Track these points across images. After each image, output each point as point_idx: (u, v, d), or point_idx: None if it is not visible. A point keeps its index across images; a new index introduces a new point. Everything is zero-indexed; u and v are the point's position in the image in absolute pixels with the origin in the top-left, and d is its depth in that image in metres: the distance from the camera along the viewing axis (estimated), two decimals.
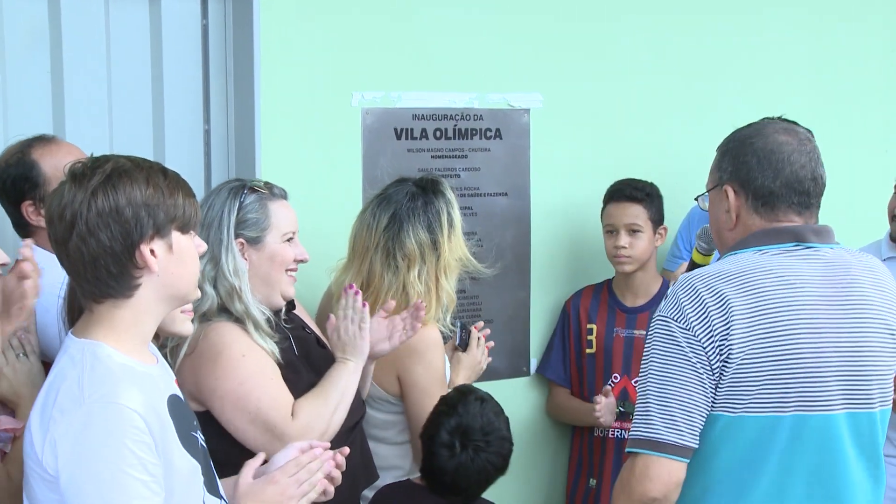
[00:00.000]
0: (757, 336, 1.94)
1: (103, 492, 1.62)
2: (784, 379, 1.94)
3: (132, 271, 1.71)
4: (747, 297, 1.95)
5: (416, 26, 3.21)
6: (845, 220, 3.61)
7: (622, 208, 3.28)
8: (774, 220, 2.07)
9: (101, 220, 1.68)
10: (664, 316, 1.99)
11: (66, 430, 1.64)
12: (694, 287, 1.98)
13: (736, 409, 1.95)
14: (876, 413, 2.04)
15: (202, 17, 3.04)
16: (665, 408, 1.94)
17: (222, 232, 2.32)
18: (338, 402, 2.33)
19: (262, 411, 2.23)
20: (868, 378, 2.01)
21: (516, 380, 3.47)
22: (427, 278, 2.59)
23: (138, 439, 1.65)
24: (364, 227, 2.64)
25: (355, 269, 2.63)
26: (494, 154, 3.37)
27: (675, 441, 1.93)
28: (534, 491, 3.54)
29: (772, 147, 2.07)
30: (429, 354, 2.58)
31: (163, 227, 1.73)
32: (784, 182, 2.05)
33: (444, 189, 2.67)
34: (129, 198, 1.69)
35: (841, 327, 1.99)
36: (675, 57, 3.62)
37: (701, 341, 1.94)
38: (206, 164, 3.09)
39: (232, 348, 2.26)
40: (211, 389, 2.24)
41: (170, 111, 3.01)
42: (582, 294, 3.47)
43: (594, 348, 3.39)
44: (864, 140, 3.99)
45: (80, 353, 1.71)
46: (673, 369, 1.95)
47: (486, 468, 2.38)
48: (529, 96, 3.41)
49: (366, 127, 3.16)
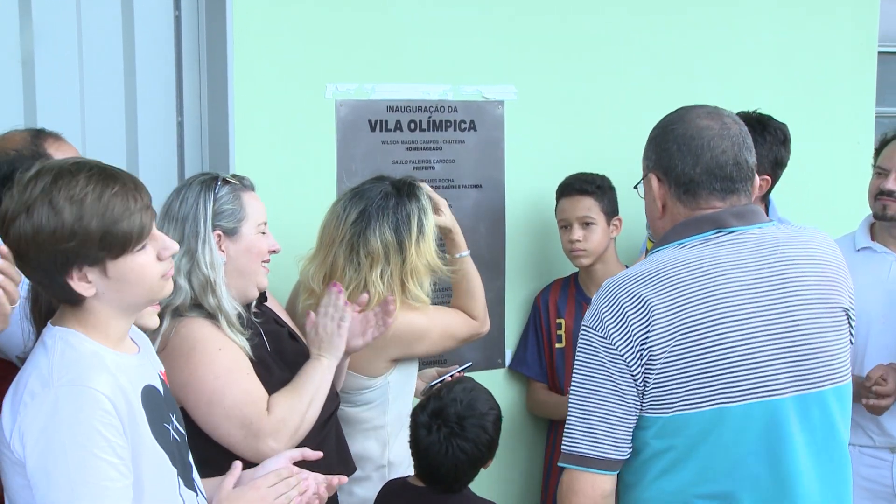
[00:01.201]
0: (677, 333, 1.90)
1: (72, 474, 1.63)
2: (716, 371, 1.90)
3: (69, 292, 1.70)
4: (665, 295, 1.91)
5: (391, 18, 3.21)
6: (816, 212, 3.65)
7: (574, 202, 3.29)
8: (696, 207, 2.02)
9: (22, 244, 1.67)
10: (586, 326, 1.98)
11: (35, 414, 1.64)
12: (613, 293, 1.96)
13: (669, 410, 1.92)
14: (826, 391, 1.98)
15: (175, 8, 3.03)
16: (586, 422, 1.93)
17: (198, 224, 2.31)
18: (311, 397, 2.32)
19: (237, 406, 2.22)
20: (810, 356, 1.95)
21: (491, 372, 3.48)
22: (390, 280, 2.59)
23: (107, 422, 1.65)
24: (334, 218, 2.64)
25: (320, 259, 2.63)
26: (469, 146, 3.38)
27: (597, 455, 1.92)
28: (510, 484, 3.55)
29: (692, 133, 2.02)
30: (426, 335, 2.65)
31: (89, 258, 1.68)
32: (704, 168, 2.00)
33: (420, 194, 2.67)
34: (45, 234, 1.65)
35: (771, 309, 1.93)
36: (648, 50, 3.64)
37: (619, 349, 1.91)
38: (180, 156, 3.07)
39: (206, 343, 2.25)
40: (183, 384, 2.22)
41: (142, 103, 2.99)
42: (551, 288, 3.48)
43: (563, 343, 3.40)
44: (834, 132, 4.02)
45: (53, 340, 1.72)
46: (593, 382, 1.93)
47: (458, 455, 2.36)
48: (504, 88, 3.41)
49: (340, 119, 3.15)
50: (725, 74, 3.75)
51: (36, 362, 1.72)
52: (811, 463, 1.97)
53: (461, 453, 2.37)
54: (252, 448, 2.23)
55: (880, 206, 3.07)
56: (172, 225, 2.30)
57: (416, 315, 2.64)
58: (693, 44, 3.72)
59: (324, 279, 2.59)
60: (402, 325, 2.60)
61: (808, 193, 3.79)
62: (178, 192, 2.37)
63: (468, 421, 2.38)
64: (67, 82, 2.89)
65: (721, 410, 1.91)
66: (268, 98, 3.03)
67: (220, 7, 2.96)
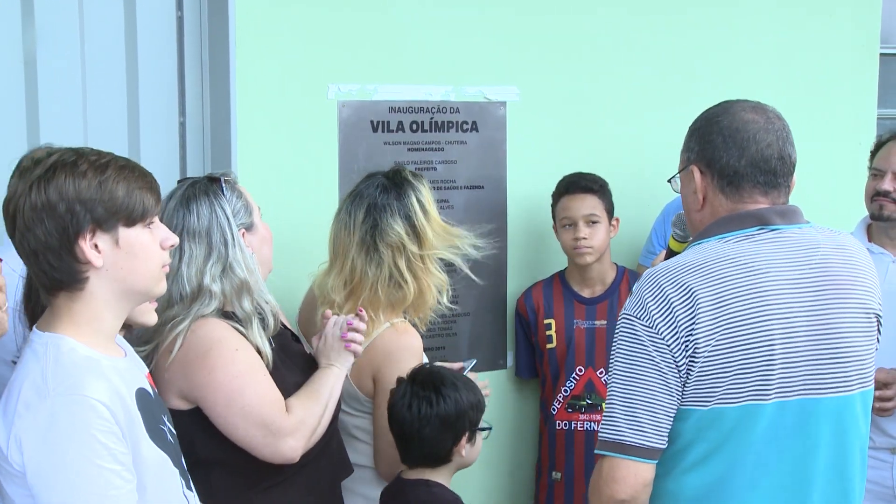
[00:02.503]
0: (723, 327, 1.90)
1: (76, 484, 1.62)
2: (756, 367, 1.91)
3: (75, 266, 1.69)
4: (711, 288, 1.91)
5: (393, 19, 3.21)
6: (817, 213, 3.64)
7: (579, 200, 3.29)
8: (739, 201, 2.02)
9: (35, 215, 1.66)
10: (628, 314, 1.96)
11: (32, 425, 1.62)
12: (657, 282, 1.94)
13: (708, 402, 1.92)
14: (855, 395, 2.00)
15: (177, 8, 3.03)
16: (630, 410, 1.92)
17: (225, 231, 2.29)
18: (326, 402, 2.33)
19: (256, 406, 2.21)
20: (844, 360, 1.97)
21: (493, 373, 3.48)
22: (415, 266, 2.59)
23: (105, 429, 1.64)
24: (342, 227, 2.62)
25: (337, 269, 2.61)
26: (471, 147, 3.38)
27: (640, 443, 1.91)
28: (508, 482, 3.56)
29: (737, 125, 2.02)
30: (403, 361, 2.54)
31: (104, 222, 1.69)
32: (749, 161, 2.00)
33: (408, 175, 2.66)
34: (61, 192, 1.66)
35: (812, 309, 1.94)
36: (649, 51, 3.64)
37: (665, 339, 1.91)
38: (182, 157, 3.07)
39: (224, 343, 2.24)
40: (203, 384, 2.21)
41: (145, 104, 2.99)
42: (532, 290, 3.46)
43: (554, 343, 3.39)
44: (836, 133, 4.02)
45: (44, 347, 1.70)
46: (637, 370, 1.92)
47: (423, 430, 2.36)
48: (506, 89, 3.41)
49: (342, 120, 3.15)
50: (726, 75, 3.75)
51: (27, 369, 1.69)
52: (826, 464, 1.98)
53: (426, 406, 2.36)
54: (272, 447, 2.22)
55: (877, 206, 3.08)
56: (195, 241, 2.28)
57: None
58: (694, 44, 3.73)
59: (344, 285, 2.58)
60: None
61: (809, 193, 3.79)
62: (186, 206, 2.31)
63: (438, 380, 2.40)
64: (70, 83, 2.89)
65: (754, 407, 1.92)
66: (270, 99, 3.03)
67: (223, 8, 2.96)
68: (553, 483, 3.40)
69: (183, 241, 2.24)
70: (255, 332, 2.28)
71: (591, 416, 3.30)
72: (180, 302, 2.24)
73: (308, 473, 2.35)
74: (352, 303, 2.57)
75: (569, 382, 3.36)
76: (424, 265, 2.60)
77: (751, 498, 1.95)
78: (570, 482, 3.37)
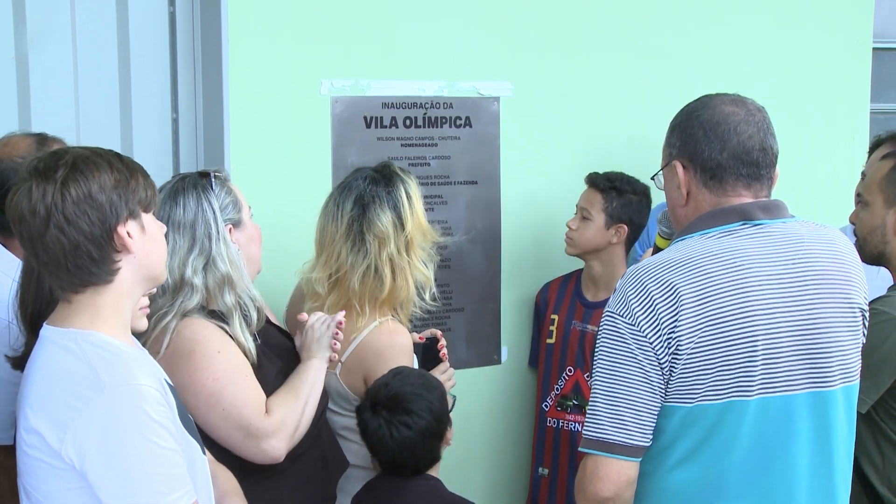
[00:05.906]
0: (705, 324, 1.90)
1: (146, 468, 1.67)
2: (738, 364, 1.90)
3: (112, 255, 1.75)
4: (694, 285, 1.91)
5: (386, 14, 3.20)
6: (811, 208, 3.65)
7: (585, 192, 3.33)
8: (723, 194, 2.02)
9: (79, 209, 1.71)
10: (611, 312, 1.96)
11: (92, 418, 1.66)
12: (640, 280, 1.94)
13: (692, 399, 1.92)
14: (837, 391, 1.99)
15: (169, 4, 3.02)
16: (613, 408, 1.92)
17: (210, 224, 2.31)
18: (307, 397, 2.34)
19: (236, 408, 2.23)
20: (827, 354, 1.96)
21: (487, 368, 3.48)
22: (398, 259, 2.59)
23: (163, 413, 1.71)
24: (329, 219, 2.62)
25: (323, 260, 2.61)
26: (464, 142, 3.38)
27: (624, 441, 1.91)
28: (501, 476, 3.57)
29: (718, 118, 2.02)
30: (394, 360, 2.54)
31: (133, 209, 1.77)
32: (731, 153, 2.00)
33: (396, 169, 2.67)
34: (100, 184, 1.73)
35: (794, 305, 1.94)
36: (643, 48, 3.64)
37: (648, 337, 1.90)
38: (175, 153, 3.07)
39: (206, 344, 2.25)
40: (185, 386, 2.21)
41: (137, 100, 2.99)
42: (550, 284, 3.49)
43: (554, 339, 3.41)
44: (829, 128, 4.03)
45: (76, 343, 1.73)
46: (620, 368, 1.92)
47: (403, 432, 2.35)
48: (499, 84, 3.41)
49: (335, 115, 3.15)
50: (720, 70, 3.75)
51: (62, 365, 1.72)
52: (809, 460, 1.98)
53: (405, 429, 2.35)
54: (254, 448, 2.24)
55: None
56: (180, 233, 2.29)
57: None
58: (689, 40, 3.73)
59: (329, 277, 2.57)
60: None
61: (803, 188, 3.80)
62: (174, 199, 2.33)
63: (403, 399, 2.37)
64: (62, 79, 2.89)
65: (735, 403, 1.92)
66: (263, 94, 3.03)
67: (215, 3, 2.95)
68: (539, 478, 3.41)
69: (168, 233, 2.25)
70: (236, 327, 2.29)
71: (577, 417, 3.31)
72: (163, 294, 2.26)
73: (300, 467, 2.36)
74: (336, 295, 2.58)
75: (560, 381, 3.37)
76: (409, 259, 2.60)
77: (736, 495, 1.95)
78: (555, 479, 3.39)
